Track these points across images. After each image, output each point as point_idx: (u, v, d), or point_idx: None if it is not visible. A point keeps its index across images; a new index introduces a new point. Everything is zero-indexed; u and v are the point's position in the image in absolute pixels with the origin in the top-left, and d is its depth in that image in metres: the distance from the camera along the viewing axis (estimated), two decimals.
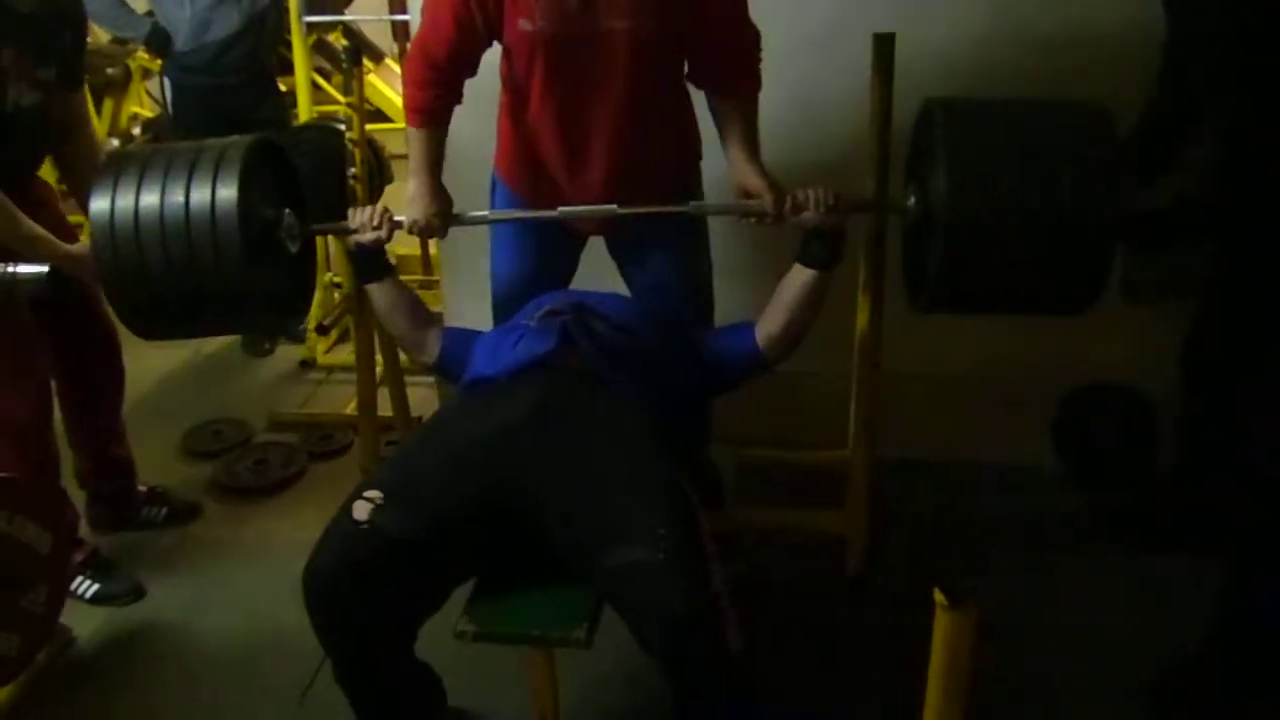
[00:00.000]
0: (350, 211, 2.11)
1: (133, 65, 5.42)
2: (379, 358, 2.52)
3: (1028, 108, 1.97)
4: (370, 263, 2.15)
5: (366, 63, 6.33)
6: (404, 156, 2.18)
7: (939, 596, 1.07)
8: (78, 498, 2.61)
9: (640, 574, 1.51)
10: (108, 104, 5.20)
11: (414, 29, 2.85)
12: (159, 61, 3.68)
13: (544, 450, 1.69)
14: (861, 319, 2.23)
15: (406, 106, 2.11)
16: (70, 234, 2.31)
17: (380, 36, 5.74)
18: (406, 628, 1.70)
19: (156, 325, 2.03)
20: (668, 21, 1.99)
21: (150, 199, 1.86)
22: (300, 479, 3.01)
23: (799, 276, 2.03)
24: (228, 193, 1.85)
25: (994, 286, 1.95)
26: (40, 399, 2.34)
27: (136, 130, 5.33)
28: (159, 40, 3.44)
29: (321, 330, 3.63)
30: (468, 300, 2.75)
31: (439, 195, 2.14)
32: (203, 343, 3.84)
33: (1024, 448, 2.70)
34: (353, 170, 2.34)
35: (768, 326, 2.05)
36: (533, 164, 2.18)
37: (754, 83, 2.13)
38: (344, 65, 2.32)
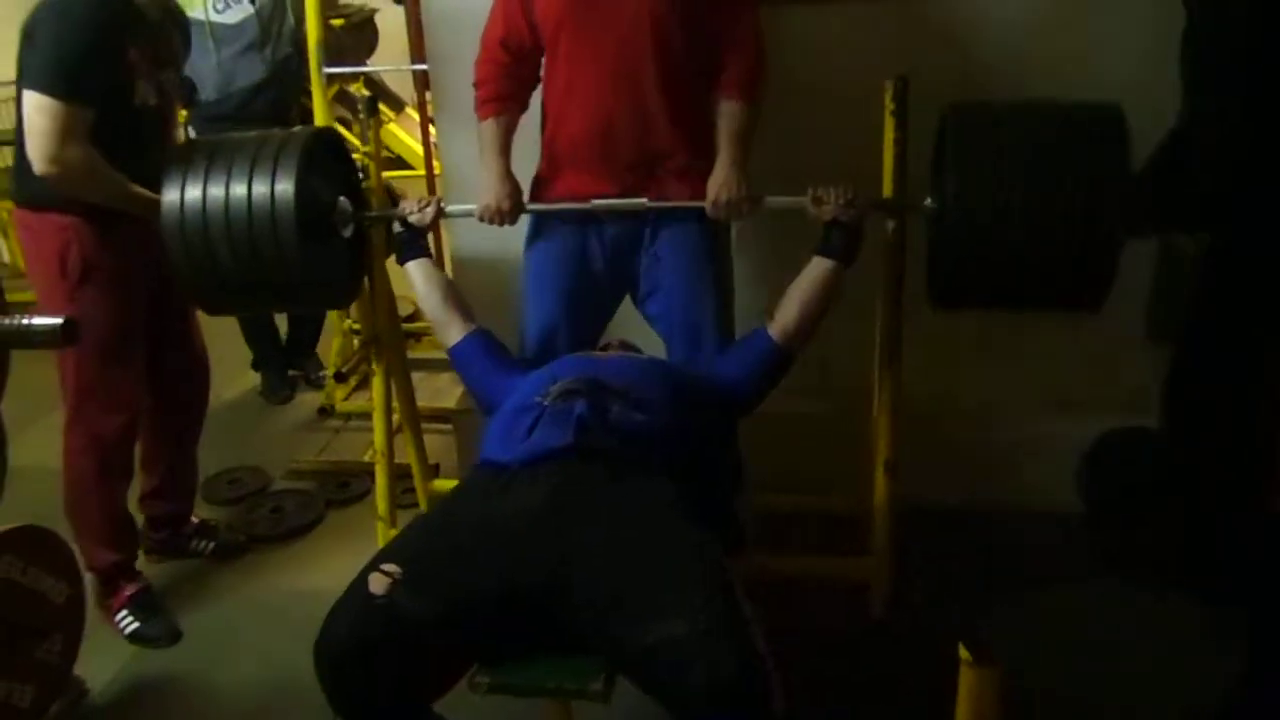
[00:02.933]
0: (402, 203, 2.35)
1: None
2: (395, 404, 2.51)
3: (1041, 109, 2.03)
4: (413, 243, 2.30)
5: (387, 111, 6.43)
6: None
7: (963, 653, 1.03)
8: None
9: (681, 646, 1.44)
10: None
11: (432, 79, 2.91)
12: (184, 113, 3.72)
13: (566, 536, 1.64)
14: (881, 321, 2.23)
15: (475, 104, 2.29)
16: None
17: (402, 85, 5.80)
18: (417, 703, 1.63)
19: (221, 302, 2.28)
20: (686, 1, 2.12)
21: (215, 189, 2.07)
22: (317, 527, 2.99)
23: (815, 268, 2.12)
24: (286, 183, 2.06)
25: (1001, 282, 2.04)
26: (130, 417, 2.45)
27: None
28: (185, 92, 3.48)
29: (340, 377, 3.66)
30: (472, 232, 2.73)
31: (507, 180, 2.27)
32: (222, 389, 3.84)
33: (1045, 490, 2.65)
34: (369, 214, 2.35)
35: (782, 320, 2.10)
36: (568, 156, 2.26)
37: (749, 92, 2.22)
38: (361, 115, 2.33)
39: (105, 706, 2.29)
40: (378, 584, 1.57)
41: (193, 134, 3.69)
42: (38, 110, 2.15)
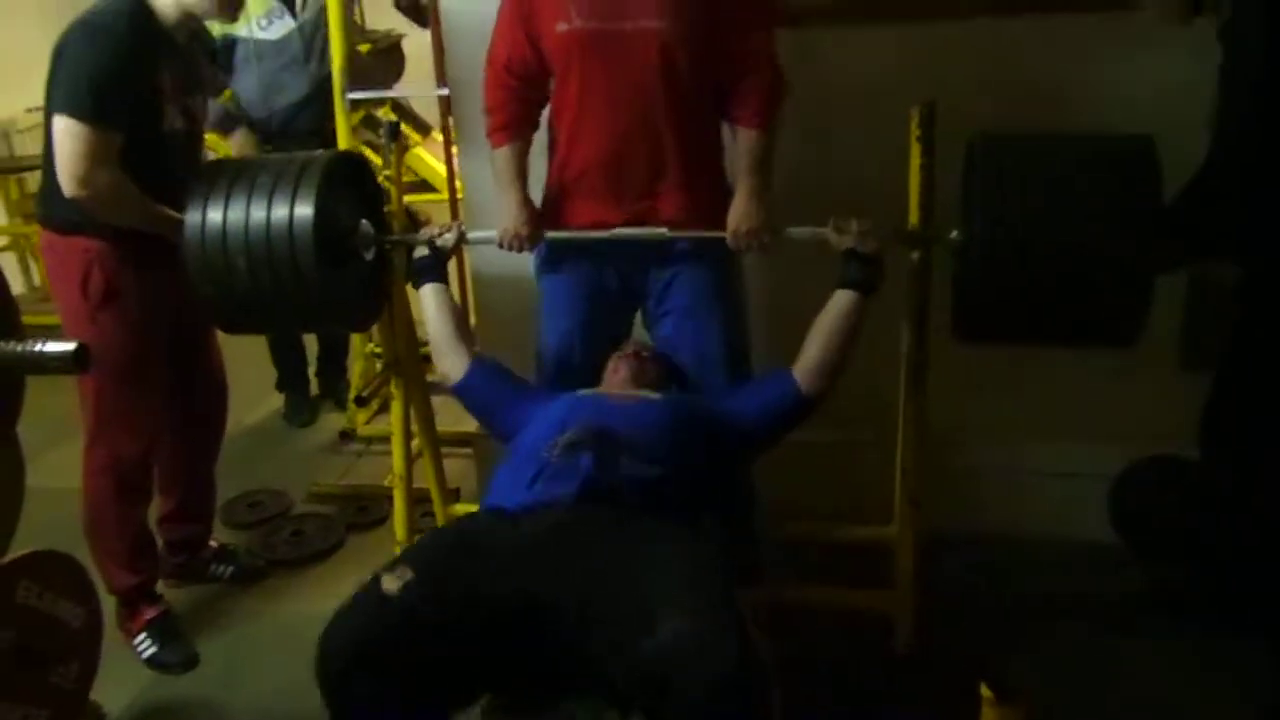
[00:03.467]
0: (423, 229, 2.37)
1: None
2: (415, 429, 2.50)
3: (1071, 140, 2.01)
4: (431, 269, 2.28)
5: (413, 135, 6.46)
6: None
7: (985, 691, 1.00)
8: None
9: (687, 638, 1.42)
10: None
11: (452, 103, 2.92)
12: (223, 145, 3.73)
13: (574, 549, 1.64)
14: (907, 356, 2.18)
15: (486, 132, 2.28)
16: None
17: (428, 110, 5.83)
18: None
19: (240, 323, 2.28)
20: (696, 28, 2.09)
21: (236, 210, 2.09)
22: (338, 551, 2.98)
23: (837, 302, 2.07)
24: (305, 206, 2.06)
25: (1029, 318, 2.00)
26: (149, 440, 2.47)
27: None
28: (227, 123, 3.48)
29: (360, 401, 3.65)
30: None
31: (526, 206, 2.26)
32: (244, 413, 3.86)
33: (1077, 521, 2.60)
34: (391, 237, 2.34)
35: (805, 362, 2.05)
36: (578, 183, 2.24)
37: (767, 120, 2.19)
38: (382, 139, 2.33)
39: None
40: (391, 583, 1.56)
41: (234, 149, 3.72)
42: (67, 134, 2.16)
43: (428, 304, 2.27)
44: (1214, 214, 2.12)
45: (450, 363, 2.21)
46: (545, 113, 2.31)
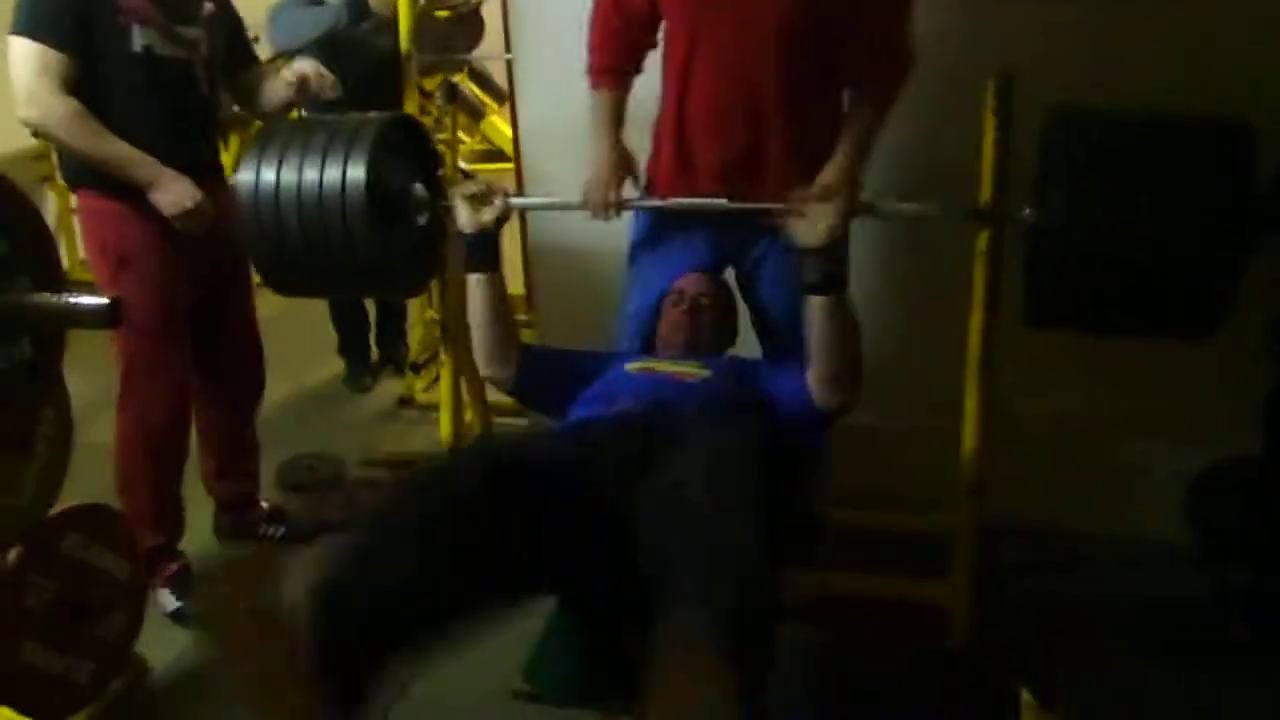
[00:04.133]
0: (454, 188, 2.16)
1: None
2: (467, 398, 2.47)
3: (1158, 118, 1.88)
4: (482, 247, 2.06)
5: (491, 103, 6.45)
6: None
7: (1027, 697, 0.93)
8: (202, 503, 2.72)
9: (722, 547, 1.35)
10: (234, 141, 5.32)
11: (514, 67, 2.87)
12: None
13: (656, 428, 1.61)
14: (974, 341, 2.07)
15: (587, 70, 2.18)
16: None
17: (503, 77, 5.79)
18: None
19: (292, 284, 2.27)
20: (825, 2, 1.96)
21: (289, 171, 2.07)
22: None
23: (810, 312, 1.84)
24: (358, 167, 2.04)
25: (1106, 305, 1.89)
26: (176, 401, 2.45)
27: None
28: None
29: (416, 368, 3.65)
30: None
31: (616, 151, 2.14)
32: (305, 375, 3.89)
33: (1148, 519, 2.48)
34: (445, 202, 2.30)
35: (813, 369, 1.86)
36: (679, 145, 2.13)
37: (884, 99, 2.06)
38: (441, 103, 2.29)
39: (165, 687, 2.29)
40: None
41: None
42: (18, 52, 2.14)
43: (471, 298, 2.08)
44: None
45: (494, 370, 2.09)
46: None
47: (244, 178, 2.11)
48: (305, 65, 2.46)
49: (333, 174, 2.06)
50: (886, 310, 2.43)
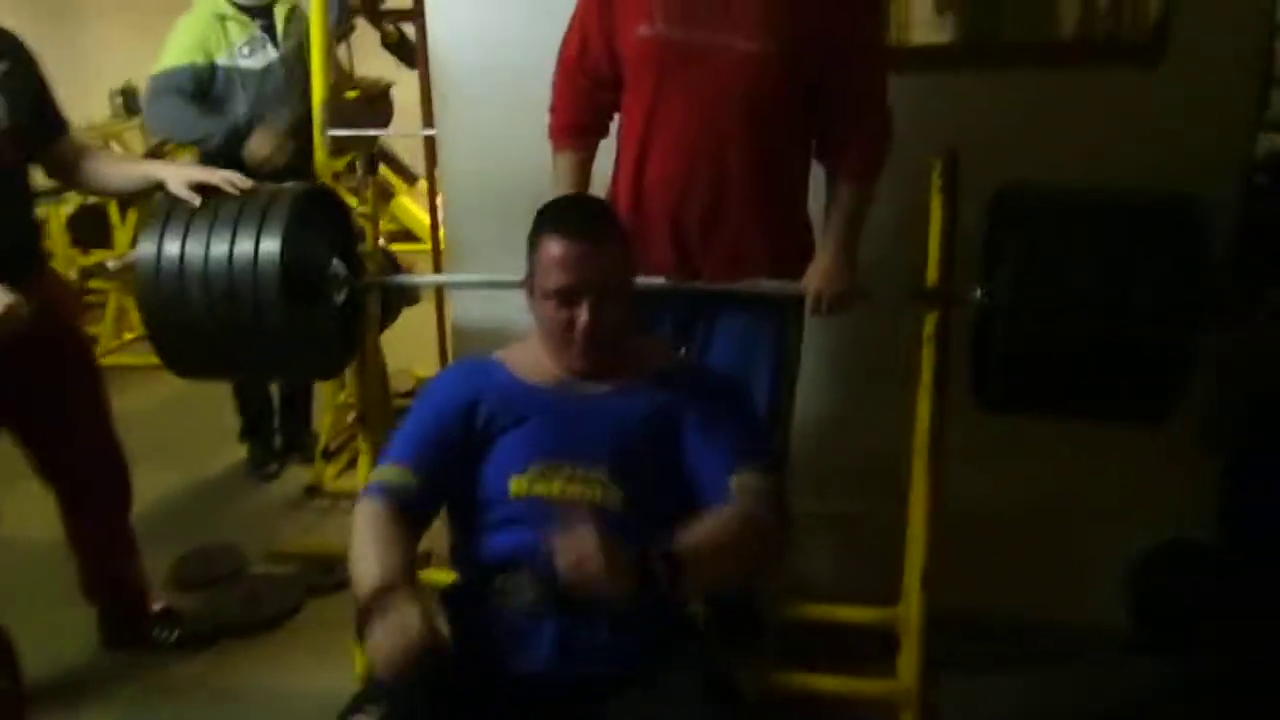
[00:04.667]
0: None
1: None
2: None
3: (1108, 197, 1.85)
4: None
5: (399, 184, 6.36)
6: None
7: None
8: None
9: None
10: (132, 216, 5.08)
11: (438, 144, 2.78)
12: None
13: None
14: (921, 426, 1.99)
15: (549, 132, 2.09)
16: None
17: (415, 159, 5.70)
18: None
19: (196, 366, 2.11)
20: (795, 59, 1.89)
21: (195, 244, 1.94)
22: (295, 616, 2.75)
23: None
24: (272, 241, 1.91)
25: (1057, 387, 1.83)
26: None
27: None
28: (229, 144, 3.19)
29: (328, 455, 3.46)
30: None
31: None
32: (205, 463, 3.66)
33: (1086, 603, 2.42)
34: (365, 280, 2.17)
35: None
36: (637, 211, 2.01)
37: (866, 172, 2.00)
38: (358, 174, 2.18)
39: None
40: None
41: None
42: None
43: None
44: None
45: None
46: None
47: (144, 251, 1.96)
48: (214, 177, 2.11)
49: (244, 247, 1.93)
50: (827, 392, 2.37)
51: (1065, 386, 1.82)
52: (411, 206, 6.24)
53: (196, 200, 2.00)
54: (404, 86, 4.60)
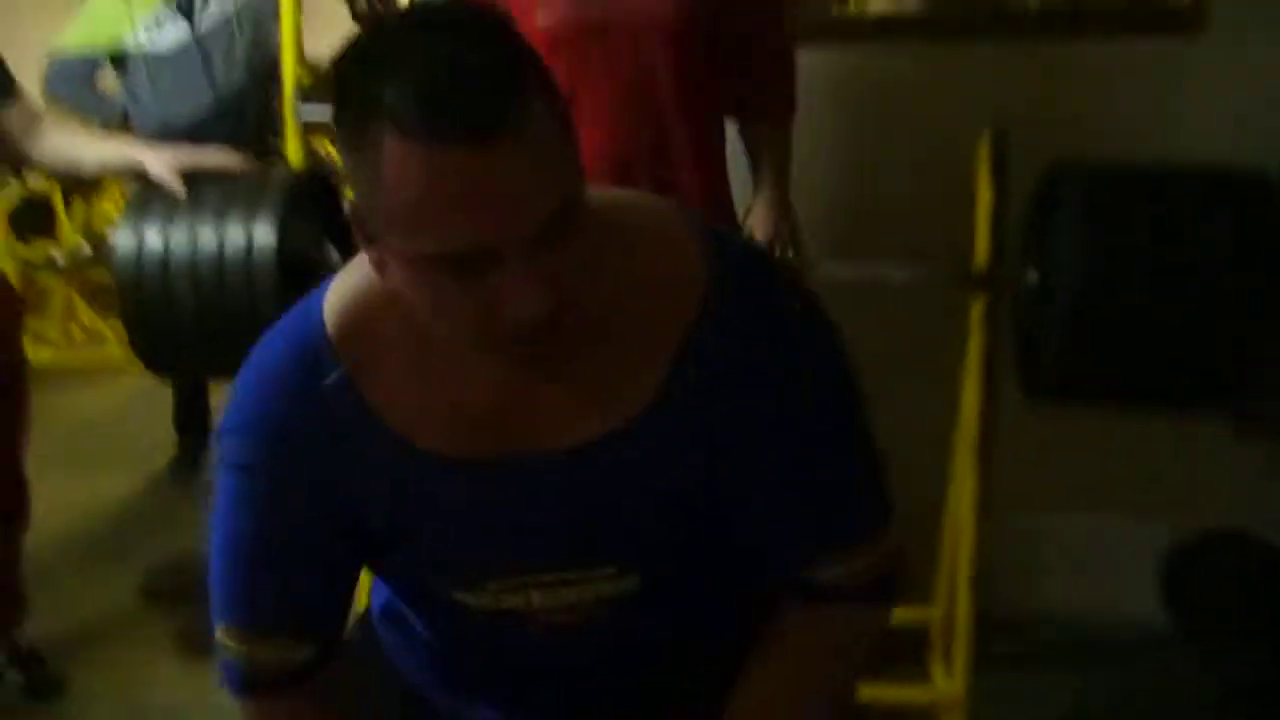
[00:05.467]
0: None
1: None
2: None
3: (1173, 172, 1.76)
4: None
5: None
6: None
7: None
8: None
9: None
10: (78, 205, 4.82)
11: None
12: None
13: None
14: (969, 419, 1.90)
15: None
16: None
17: None
18: None
19: (181, 364, 2.09)
20: (707, 12, 1.76)
21: (180, 231, 1.81)
22: None
23: None
24: (265, 233, 1.79)
25: (1119, 372, 1.74)
26: None
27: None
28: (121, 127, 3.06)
29: None
30: None
31: None
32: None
33: (1125, 600, 2.34)
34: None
35: None
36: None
37: (788, 112, 1.91)
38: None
39: None
40: None
41: None
42: None
43: None
44: None
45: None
46: None
47: (123, 242, 1.83)
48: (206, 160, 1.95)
49: (235, 237, 1.79)
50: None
51: (1129, 371, 1.73)
52: None
53: (181, 190, 1.83)
54: None
